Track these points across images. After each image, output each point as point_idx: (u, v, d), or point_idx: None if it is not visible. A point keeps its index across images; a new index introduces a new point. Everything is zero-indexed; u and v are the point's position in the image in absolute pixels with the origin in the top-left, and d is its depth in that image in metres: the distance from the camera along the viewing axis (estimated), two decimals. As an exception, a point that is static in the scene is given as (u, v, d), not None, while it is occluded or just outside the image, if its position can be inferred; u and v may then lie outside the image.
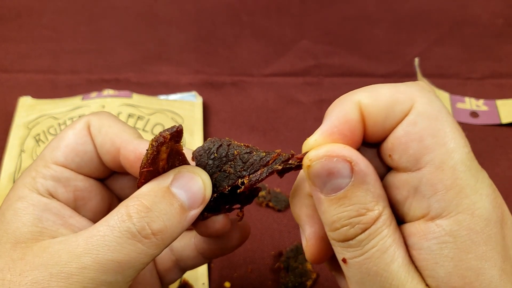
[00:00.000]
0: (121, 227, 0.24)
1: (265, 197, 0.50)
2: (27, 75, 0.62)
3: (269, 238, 0.48)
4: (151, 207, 0.24)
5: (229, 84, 0.62)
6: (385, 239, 0.22)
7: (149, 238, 0.24)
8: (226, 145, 0.27)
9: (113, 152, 0.28)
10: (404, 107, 0.23)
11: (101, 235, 0.23)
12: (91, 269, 0.23)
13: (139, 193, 0.25)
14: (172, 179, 0.26)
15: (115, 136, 0.28)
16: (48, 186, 0.27)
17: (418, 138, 0.23)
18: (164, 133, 0.24)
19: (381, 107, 0.24)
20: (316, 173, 0.23)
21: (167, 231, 0.25)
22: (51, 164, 0.27)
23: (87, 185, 0.29)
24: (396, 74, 0.63)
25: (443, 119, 0.23)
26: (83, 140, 0.28)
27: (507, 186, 0.51)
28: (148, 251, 0.24)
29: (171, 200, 0.25)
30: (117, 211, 0.24)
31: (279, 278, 0.45)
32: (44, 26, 0.67)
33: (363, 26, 0.68)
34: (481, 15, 0.68)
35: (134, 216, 0.24)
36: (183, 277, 0.45)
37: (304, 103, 0.60)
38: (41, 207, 0.26)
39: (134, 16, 0.68)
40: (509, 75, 0.63)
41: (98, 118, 0.29)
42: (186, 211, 0.25)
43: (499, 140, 0.56)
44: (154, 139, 0.24)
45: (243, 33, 0.67)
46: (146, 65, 0.64)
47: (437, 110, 0.23)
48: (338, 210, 0.23)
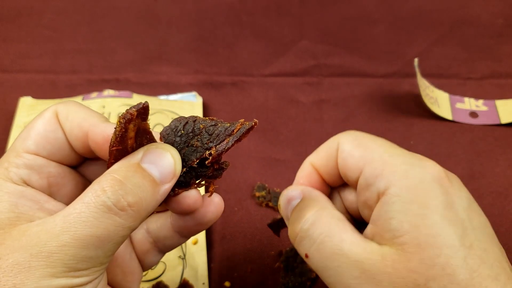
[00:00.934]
0: (97, 202, 0.24)
1: (265, 197, 0.50)
2: (27, 75, 0.62)
3: (269, 238, 0.48)
4: (124, 181, 0.25)
5: (229, 84, 0.62)
6: (330, 225, 0.28)
7: (125, 210, 0.24)
8: (192, 121, 0.28)
9: (82, 137, 0.28)
10: (334, 147, 0.32)
11: (77, 212, 0.24)
12: (70, 246, 0.23)
13: (111, 170, 0.26)
14: (142, 155, 0.27)
15: (83, 121, 0.28)
16: (22, 174, 0.27)
17: (349, 156, 0.30)
18: (131, 109, 0.25)
19: (322, 155, 0.32)
20: (283, 204, 0.33)
21: (142, 203, 0.25)
22: (22, 153, 0.28)
23: (60, 172, 0.29)
24: (396, 74, 0.63)
25: (358, 136, 0.31)
26: (53, 128, 0.28)
27: (506, 186, 0.51)
28: (125, 223, 0.25)
29: (142, 174, 0.26)
30: (91, 188, 0.25)
31: (279, 278, 0.45)
32: (44, 26, 0.67)
33: (363, 26, 0.68)
34: (481, 15, 0.68)
35: (108, 190, 0.24)
36: (183, 277, 0.45)
37: (304, 103, 0.60)
38: (17, 194, 0.26)
39: (134, 16, 0.68)
40: (509, 75, 0.63)
41: (65, 105, 0.29)
42: (158, 185, 0.26)
43: (498, 140, 0.56)
44: (121, 116, 0.25)
45: (243, 33, 0.67)
46: (146, 65, 0.64)
47: (352, 134, 0.31)
48: (292, 217, 0.31)
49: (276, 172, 0.53)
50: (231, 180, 0.52)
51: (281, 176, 0.53)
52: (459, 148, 0.55)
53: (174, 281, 0.44)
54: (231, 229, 0.49)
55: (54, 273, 0.23)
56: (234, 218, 0.50)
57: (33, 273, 0.23)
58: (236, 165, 0.54)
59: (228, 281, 0.45)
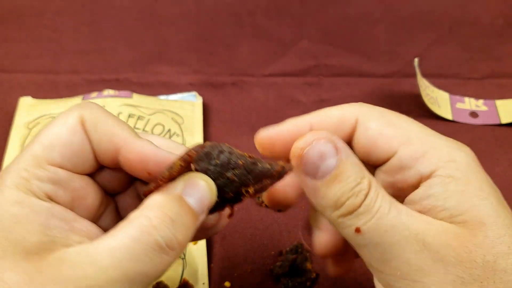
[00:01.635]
0: (149, 240, 0.23)
1: (265, 197, 0.50)
2: (28, 75, 0.62)
3: (269, 238, 0.48)
4: (174, 218, 0.24)
5: (229, 84, 0.62)
6: (385, 197, 0.25)
7: (175, 249, 0.24)
8: (228, 152, 0.27)
9: (112, 151, 0.27)
10: (350, 120, 0.28)
11: (126, 247, 0.23)
12: (119, 282, 0.22)
13: (157, 203, 0.25)
14: (183, 187, 0.26)
15: (113, 135, 0.27)
16: (46, 189, 0.25)
17: (379, 135, 0.27)
18: (191, 152, 0.26)
19: (330, 123, 0.29)
20: (310, 159, 0.26)
21: (186, 241, 0.25)
22: (46, 165, 0.26)
23: (82, 185, 0.28)
24: (396, 74, 0.63)
25: (383, 112, 0.28)
26: (79, 138, 0.27)
27: (507, 186, 0.51)
28: (170, 261, 0.24)
29: (187, 209, 0.25)
30: (138, 221, 0.24)
31: (279, 278, 0.45)
32: (45, 26, 0.67)
33: (363, 26, 0.68)
34: (481, 15, 0.68)
35: (160, 228, 0.24)
36: (183, 277, 0.45)
37: (304, 103, 0.60)
38: (45, 212, 0.24)
39: (134, 16, 0.68)
40: (509, 75, 0.63)
41: (91, 112, 0.27)
42: (197, 218, 0.26)
43: (498, 140, 0.56)
44: (181, 159, 0.25)
45: (243, 33, 0.67)
46: (146, 65, 0.64)
47: (376, 110, 0.28)
48: (339, 185, 0.25)
49: (276, 172, 0.53)
50: (231, 180, 0.52)
51: (281, 176, 0.53)
52: (459, 148, 0.55)
53: (174, 281, 0.44)
54: (231, 229, 0.49)
55: None
56: (234, 218, 0.50)
57: None
58: (236, 165, 0.54)
59: (228, 281, 0.45)
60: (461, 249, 0.24)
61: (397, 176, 0.27)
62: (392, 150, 0.27)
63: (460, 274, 0.23)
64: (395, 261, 0.24)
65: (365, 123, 0.28)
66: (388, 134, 0.27)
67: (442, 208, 0.25)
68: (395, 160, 0.27)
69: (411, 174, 0.27)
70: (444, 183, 0.25)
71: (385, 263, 0.25)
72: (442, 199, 0.25)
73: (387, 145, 0.27)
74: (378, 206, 0.25)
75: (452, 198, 0.25)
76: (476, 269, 0.23)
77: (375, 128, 0.28)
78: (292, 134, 0.29)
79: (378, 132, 0.27)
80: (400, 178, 0.27)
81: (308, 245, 0.47)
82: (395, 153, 0.27)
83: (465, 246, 0.24)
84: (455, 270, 0.23)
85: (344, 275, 0.34)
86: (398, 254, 0.24)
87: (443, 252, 0.24)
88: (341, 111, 0.29)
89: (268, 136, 0.30)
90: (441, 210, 0.25)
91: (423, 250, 0.24)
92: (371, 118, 0.28)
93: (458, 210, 0.25)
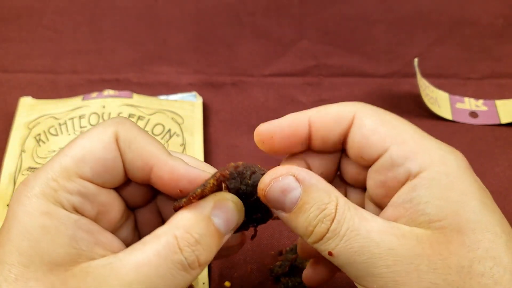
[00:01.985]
0: (174, 259, 0.24)
1: (265, 197, 0.50)
2: (28, 75, 0.63)
3: (269, 238, 0.48)
4: (199, 241, 0.25)
5: (229, 84, 0.62)
6: (353, 218, 0.26)
7: (196, 269, 0.25)
8: (260, 173, 0.28)
9: (145, 170, 0.28)
10: (348, 116, 0.29)
11: (153, 264, 0.24)
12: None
13: (185, 224, 0.26)
14: (212, 208, 0.27)
15: (147, 153, 0.27)
16: (74, 201, 0.26)
17: (373, 132, 0.28)
18: (225, 172, 0.27)
19: (328, 119, 0.29)
20: (273, 196, 0.27)
21: (209, 260, 0.26)
22: (76, 178, 0.26)
23: (109, 199, 0.28)
24: (395, 74, 0.63)
25: (379, 112, 0.29)
26: (113, 155, 0.27)
27: (506, 186, 0.51)
28: (191, 279, 0.26)
29: (213, 231, 0.26)
30: (166, 240, 0.25)
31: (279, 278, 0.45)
32: (45, 26, 0.67)
33: (362, 26, 0.68)
34: (481, 15, 0.68)
35: (185, 250, 0.25)
36: (183, 276, 0.45)
37: (304, 103, 0.60)
38: (73, 225, 0.25)
39: (134, 16, 0.68)
40: (508, 75, 0.63)
41: (125, 129, 0.27)
42: (222, 238, 0.27)
43: (498, 140, 0.56)
44: (215, 178, 0.27)
45: (243, 33, 0.67)
46: (146, 65, 0.64)
47: (372, 109, 0.29)
48: (305, 215, 0.26)
49: (276, 172, 0.53)
50: (231, 180, 0.52)
51: (281, 176, 0.53)
52: (459, 148, 0.55)
53: (174, 281, 0.44)
54: (231, 229, 0.49)
55: None
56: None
57: None
58: (236, 165, 0.54)
59: (228, 281, 0.45)
60: (435, 257, 0.24)
61: (388, 174, 0.28)
62: (384, 147, 0.28)
63: (434, 281, 0.24)
64: (369, 276, 0.25)
65: (361, 120, 0.29)
66: (382, 132, 0.28)
67: (422, 213, 0.26)
68: (386, 157, 0.28)
69: (400, 172, 0.27)
70: (427, 186, 0.26)
71: (362, 278, 0.26)
72: (423, 203, 0.26)
73: (380, 142, 0.28)
74: (346, 229, 0.25)
75: (433, 203, 0.25)
76: (451, 275, 0.24)
77: (370, 125, 0.28)
78: (291, 129, 0.30)
79: (372, 129, 0.28)
80: (391, 176, 0.28)
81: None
82: (386, 151, 0.27)
83: (439, 253, 0.24)
84: (429, 277, 0.24)
85: (322, 283, 0.35)
86: (371, 271, 0.25)
87: (416, 262, 0.24)
88: (339, 108, 0.30)
89: (267, 131, 0.30)
90: (421, 215, 0.26)
91: (396, 264, 0.24)
92: (367, 116, 0.29)
93: (438, 216, 0.25)
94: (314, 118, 0.30)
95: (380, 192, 0.29)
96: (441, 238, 0.25)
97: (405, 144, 0.27)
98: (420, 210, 0.26)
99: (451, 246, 0.24)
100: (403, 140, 0.27)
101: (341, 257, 0.26)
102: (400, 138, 0.27)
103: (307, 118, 0.30)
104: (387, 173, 0.28)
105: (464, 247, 0.24)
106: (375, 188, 0.29)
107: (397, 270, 0.24)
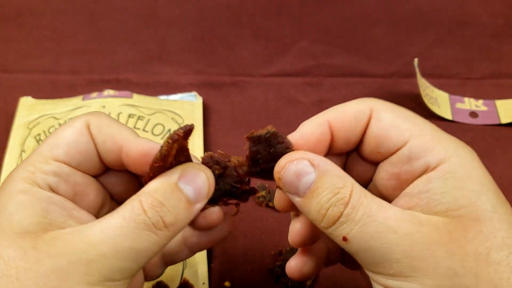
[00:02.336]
0: (137, 219, 0.25)
1: (265, 197, 0.50)
2: (28, 75, 0.63)
3: (269, 238, 0.48)
4: (163, 202, 0.26)
5: (229, 84, 0.62)
6: (371, 203, 0.26)
7: (162, 230, 0.26)
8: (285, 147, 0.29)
9: (115, 150, 0.29)
10: (366, 112, 0.29)
11: (117, 225, 0.25)
12: (109, 257, 0.24)
13: (150, 189, 0.27)
14: (179, 175, 0.28)
15: (116, 135, 0.29)
16: (49, 181, 0.28)
17: (392, 126, 0.28)
18: (179, 131, 0.27)
19: (348, 119, 0.29)
20: (288, 180, 0.28)
21: (176, 224, 0.27)
22: (51, 161, 0.28)
23: (85, 181, 0.30)
24: (395, 74, 0.64)
25: (396, 107, 0.29)
26: (84, 139, 0.29)
27: (506, 186, 0.51)
28: (160, 241, 0.26)
29: (179, 195, 0.27)
30: (131, 205, 0.26)
31: (279, 278, 0.45)
32: (45, 26, 0.67)
33: (362, 26, 0.68)
34: (481, 15, 0.68)
35: (148, 211, 0.26)
36: (183, 276, 0.45)
37: (304, 103, 0.60)
38: (46, 200, 0.27)
39: (134, 16, 0.68)
40: (508, 75, 0.63)
41: (97, 118, 0.30)
42: (192, 205, 0.28)
43: (498, 140, 0.56)
44: (170, 137, 0.27)
45: (243, 33, 0.67)
46: (146, 65, 0.64)
47: (389, 104, 0.29)
48: (317, 199, 0.27)
49: (276, 172, 0.53)
50: (231, 180, 0.52)
51: (281, 176, 0.53)
52: (459, 148, 0.55)
53: (174, 281, 0.44)
54: (231, 229, 0.49)
55: (91, 281, 0.24)
56: (234, 218, 0.50)
57: (71, 279, 0.24)
58: (236, 165, 0.54)
59: (228, 281, 0.45)
60: (452, 244, 0.24)
61: (404, 167, 0.28)
62: (403, 140, 0.28)
63: (452, 267, 0.24)
64: (385, 262, 0.25)
65: (379, 115, 0.29)
66: (401, 126, 0.28)
67: (439, 202, 0.26)
68: (405, 150, 0.28)
69: (419, 165, 0.27)
70: (444, 177, 0.26)
71: (376, 265, 0.26)
72: (439, 193, 0.26)
73: (399, 135, 0.28)
74: (362, 214, 0.26)
75: (450, 193, 0.26)
76: (469, 261, 0.24)
77: (389, 119, 0.29)
78: (315, 138, 0.30)
79: (391, 122, 0.28)
80: (407, 169, 0.28)
81: (308, 245, 0.47)
82: (406, 143, 0.28)
83: (457, 240, 0.24)
84: (446, 263, 0.24)
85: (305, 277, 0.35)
86: (387, 257, 0.25)
87: (434, 248, 0.24)
88: (356, 106, 0.30)
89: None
90: (437, 204, 0.26)
91: (413, 249, 0.24)
92: (384, 111, 0.29)
93: (455, 205, 0.26)
94: (334, 120, 0.30)
95: (391, 185, 0.29)
96: (458, 226, 0.25)
97: (423, 137, 0.28)
98: (436, 200, 0.26)
99: (469, 234, 0.25)
100: (421, 133, 0.28)
101: (355, 242, 0.26)
102: (418, 131, 0.28)
103: (326, 121, 0.30)
104: (402, 166, 0.28)
105: (481, 235, 0.24)
106: (386, 181, 0.30)
107: (414, 255, 0.24)
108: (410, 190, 0.28)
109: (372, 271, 0.26)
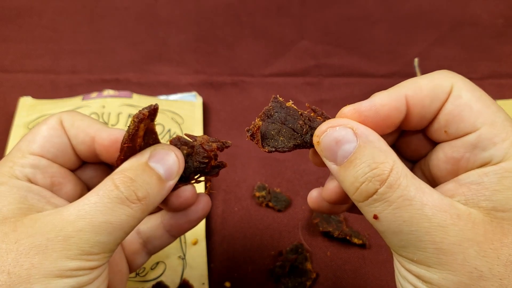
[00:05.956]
0: (111, 195, 0.27)
1: (265, 197, 0.50)
2: (28, 75, 0.63)
3: (269, 238, 0.48)
4: (135, 178, 0.28)
5: (229, 84, 0.62)
6: (409, 187, 0.25)
7: (136, 203, 0.28)
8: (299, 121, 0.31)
9: (88, 141, 0.31)
10: (446, 88, 0.27)
11: (92, 202, 0.26)
12: (86, 231, 0.26)
13: (122, 169, 0.29)
14: (149, 155, 0.29)
15: (88, 127, 0.31)
16: (27, 172, 0.29)
17: (467, 107, 0.27)
18: (144, 110, 0.28)
19: (425, 94, 0.27)
20: (326, 145, 0.27)
21: (150, 198, 0.28)
22: (28, 155, 0.30)
23: (62, 172, 0.31)
24: (396, 74, 0.63)
25: (475, 86, 0.27)
26: (58, 133, 0.31)
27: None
28: (135, 215, 0.28)
29: (150, 172, 0.29)
30: (104, 183, 0.27)
31: (279, 278, 0.45)
32: (45, 26, 0.67)
33: (363, 26, 0.68)
34: (481, 15, 0.68)
35: (121, 186, 0.27)
36: (183, 277, 0.45)
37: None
38: (25, 188, 0.28)
39: (134, 16, 0.68)
40: (509, 76, 0.63)
41: (69, 114, 0.32)
42: (164, 182, 0.29)
43: (498, 140, 0.56)
44: (135, 116, 0.28)
45: (243, 33, 0.67)
46: (146, 65, 0.64)
47: (468, 82, 0.28)
48: (353, 170, 0.26)
49: (276, 172, 0.53)
50: (231, 180, 0.52)
51: (281, 176, 0.53)
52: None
53: (174, 281, 0.44)
54: (231, 229, 0.49)
55: (70, 255, 0.25)
56: (234, 218, 0.50)
57: (51, 255, 0.25)
58: (236, 165, 0.54)
59: (228, 281, 0.45)
60: (486, 245, 0.24)
61: (466, 154, 0.27)
62: (474, 127, 0.26)
63: (479, 268, 0.23)
64: (412, 248, 0.25)
65: (458, 91, 0.27)
66: (475, 109, 0.26)
67: (487, 198, 0.25)
68: (473, 137, 0.26)
69: (482, 157, 0.26)
70: (502, 175, 0.25)
71: (403, 248, 0.25)
72: (491, 190, 0.25)
73: (471, 120, 0.26)
74: (398, 196, 0.24)
75: (502, 193, 0.25)
76: (498, 266, 0.23)
77: (466, 99, 0.27)
78: (388, 110, 0.27)
79: (467, 104, 0.27)
80: (468, 157, 0.27)
81: (308, 245, 0.47)
82: (476, 131, 0.26)
83: (492, 243, 0.24)
84: (475, 262, 0.24)
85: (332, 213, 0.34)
86: (415, 243, 0.24)
87: (465, 245, 0.24)
88: (436, 81, 0.28)
89: (357, 112, 0.28)
90: (485, 200, 0.25)
91: (443, 242, 0.24)
92: (463, 87, 0.27)
93: (503, 206, 0.25)
94: (411, 95, 0.27)
95: (446, 168, 0.28)
96: (498, 229, 0.24)
97: (494, 128, 0.26)
98: (486, 195, 0.25)
99: (506, 239, 0.24)
100: (494, 124, 0.26)
101: (386, 223, 0.25)
102: (491, 119, 0.26)
103: (403, 96, 0.27)
104: (465, 153, 0.27)
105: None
106: (441, 163, 0.28)
107: (443, 248, 0.24)
108: (463, 178, 0.26)
109: (396, 252, 0.26)
